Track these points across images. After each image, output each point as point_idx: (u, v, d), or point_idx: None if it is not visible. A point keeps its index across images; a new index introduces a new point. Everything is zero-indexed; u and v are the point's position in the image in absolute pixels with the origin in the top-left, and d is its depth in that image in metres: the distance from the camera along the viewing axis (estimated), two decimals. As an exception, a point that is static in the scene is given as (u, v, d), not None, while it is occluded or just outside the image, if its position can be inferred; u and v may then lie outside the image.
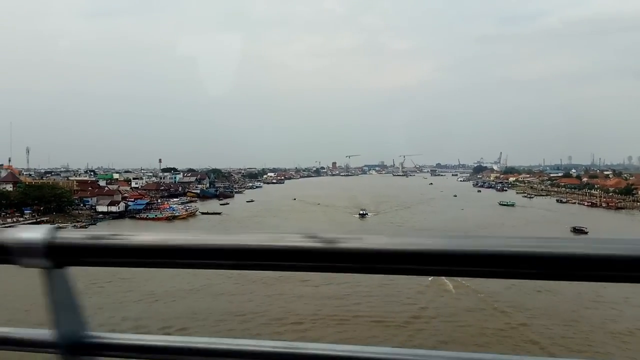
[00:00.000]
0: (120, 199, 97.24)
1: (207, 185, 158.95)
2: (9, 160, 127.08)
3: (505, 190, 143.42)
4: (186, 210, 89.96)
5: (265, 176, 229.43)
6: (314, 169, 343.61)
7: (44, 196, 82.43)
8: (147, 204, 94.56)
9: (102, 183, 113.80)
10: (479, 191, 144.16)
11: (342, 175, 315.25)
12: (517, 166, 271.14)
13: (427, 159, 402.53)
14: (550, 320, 27.12)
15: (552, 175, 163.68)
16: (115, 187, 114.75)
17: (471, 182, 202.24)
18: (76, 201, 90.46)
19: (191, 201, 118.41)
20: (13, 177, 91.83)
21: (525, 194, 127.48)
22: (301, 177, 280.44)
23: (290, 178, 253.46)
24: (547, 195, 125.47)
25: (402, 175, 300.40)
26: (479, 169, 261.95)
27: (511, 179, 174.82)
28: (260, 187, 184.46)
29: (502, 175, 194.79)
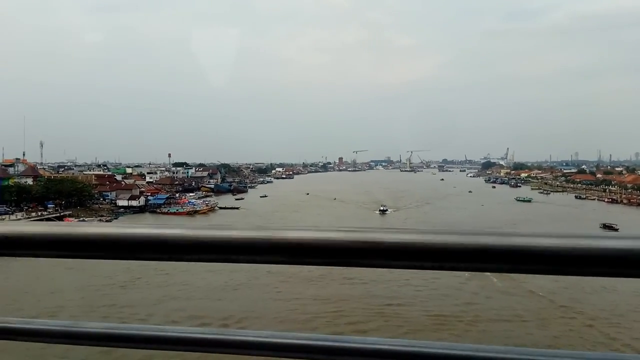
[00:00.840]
0: (138, 193, 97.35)
1: (219, 180, 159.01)
2: (24, 154, 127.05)
3: (519, 186, 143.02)
4: (207, 205, 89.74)
5: (273, 171, 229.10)
6: (321, 164, 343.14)
7: (66, 190, 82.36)
8: (167, 198, 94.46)
9: (117, 177, 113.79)
10: (494, 187, 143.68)
11: (349, 171, 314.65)
12: (526, 162, 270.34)
13: (433, 154, 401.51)
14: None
15: (565, 171, 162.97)
16: (131, 181, 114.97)
17: (481, 178, 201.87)
18: (96, 195, 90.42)
19: (206, 196, 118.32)
20: (33, 171, 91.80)
21: (542, 190, 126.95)
22: (309, 172, 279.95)
23: (298, 173, 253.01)
24: (563, 191, 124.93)
25: (409, 171, 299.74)
26: (488, 165, 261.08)
27: (523, 175, 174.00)
28: (271, 182, 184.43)
29: (513, 172, 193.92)
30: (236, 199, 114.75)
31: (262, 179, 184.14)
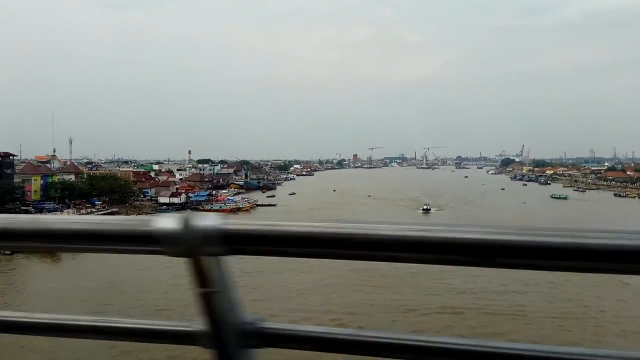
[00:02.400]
0: (175, 190, 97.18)
1: (243, 177, 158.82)
2: (54, 151, 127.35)
3: (549, 184, 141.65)
4: (248, 203, 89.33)
5: (292, 168, 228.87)
6: (335, 161, 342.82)
7: (110, 187, 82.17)
8: (207, 195, 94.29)
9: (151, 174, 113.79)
10: (525, 184, 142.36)
11: (364, 168, 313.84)
12: (543, 159, 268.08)
13: (447, 151, 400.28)
14: None
15: (593, 168, 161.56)
16: (164, 178, 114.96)
17: (504, 175, 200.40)
18: (137, 192, 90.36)
19: (238, 192, 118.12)
20: (74, 167, 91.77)
21: (576, 188, 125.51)
22: (325, 169, 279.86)
23: (315, 170, 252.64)
24: (597, 189, 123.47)
25: (426, 168, 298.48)
26: (507, 162, 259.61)
27: (548, 172, 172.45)
28: (294, 179, 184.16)
29: (536, 169, 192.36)
30: (267, 196, 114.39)
31: (284, 176, 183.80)
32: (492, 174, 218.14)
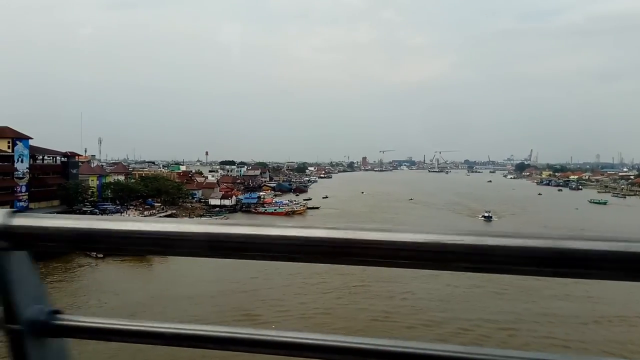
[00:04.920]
0: (220, 192, 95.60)
1: (267, 178, 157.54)
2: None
3: (580, 189, 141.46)
4: (303, 206, 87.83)
5: (307, 170, 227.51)
6: (344, 163, 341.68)
7: (164, 188, 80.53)
8: (258, 197, 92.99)
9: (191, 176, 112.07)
10: (560, 190, 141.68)
11: (376, 171, 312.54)
12: (552, 163, 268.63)
13: (454, 154, 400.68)
14: None
15: (620, 174, 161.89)
16: (202, 179, 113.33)
17: (525, 180, 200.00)
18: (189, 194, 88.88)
19: (276, 195, 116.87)
20: (124, 168, 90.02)
21: (615, 193, 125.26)
22: (339, 171, 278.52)
23: (329, 172, 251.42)
24: (635, 194, 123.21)
25: (438, 172, 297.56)
26: (522, 167, 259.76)
27: (572, 177, 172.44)
28: (316, 181, 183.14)
29: (557, 174, 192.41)
30: (304, 199, 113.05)
31: (307, 179, 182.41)
32: (511, 178, 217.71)
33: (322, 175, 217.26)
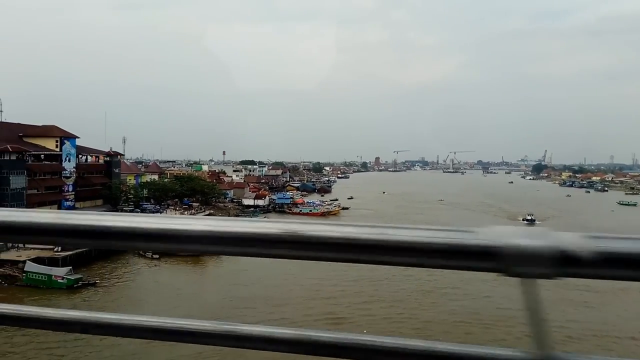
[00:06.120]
0: (250, 192, 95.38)
1: (288, 178, 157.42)
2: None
3: (606, 191, 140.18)
4: (338, 207, 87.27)
5: (323, 170, 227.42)
6: (357, 163, 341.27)
7: (199, 188, 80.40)
8: (291, 197, 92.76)
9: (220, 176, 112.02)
10: (588, 192, 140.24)
11: (389, 171, 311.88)
12: (566, 164, 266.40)
13: (466, 155, 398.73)
14: None
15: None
16: (229, 179, 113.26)
17: (544, 181, 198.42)
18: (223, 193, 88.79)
19: (303, 195, 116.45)
20: (157, 167, 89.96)
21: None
22: (354, 171, 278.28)
23: (345, 172, 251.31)
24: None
25: (453, 172, 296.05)
26: (539, 168, 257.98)
27: (594, 178, 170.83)
28: (335, 181, 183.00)
29: (579, 175, 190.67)
30: (330, 200, 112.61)
31: (327, 179, 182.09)
32: (531, 179, 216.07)
33: (340, 176, 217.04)
